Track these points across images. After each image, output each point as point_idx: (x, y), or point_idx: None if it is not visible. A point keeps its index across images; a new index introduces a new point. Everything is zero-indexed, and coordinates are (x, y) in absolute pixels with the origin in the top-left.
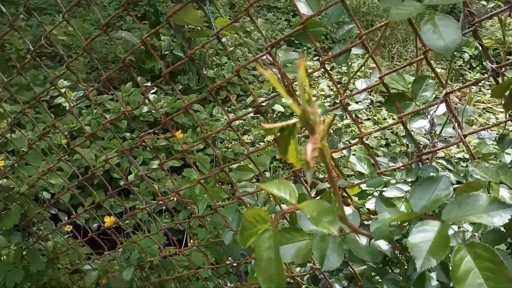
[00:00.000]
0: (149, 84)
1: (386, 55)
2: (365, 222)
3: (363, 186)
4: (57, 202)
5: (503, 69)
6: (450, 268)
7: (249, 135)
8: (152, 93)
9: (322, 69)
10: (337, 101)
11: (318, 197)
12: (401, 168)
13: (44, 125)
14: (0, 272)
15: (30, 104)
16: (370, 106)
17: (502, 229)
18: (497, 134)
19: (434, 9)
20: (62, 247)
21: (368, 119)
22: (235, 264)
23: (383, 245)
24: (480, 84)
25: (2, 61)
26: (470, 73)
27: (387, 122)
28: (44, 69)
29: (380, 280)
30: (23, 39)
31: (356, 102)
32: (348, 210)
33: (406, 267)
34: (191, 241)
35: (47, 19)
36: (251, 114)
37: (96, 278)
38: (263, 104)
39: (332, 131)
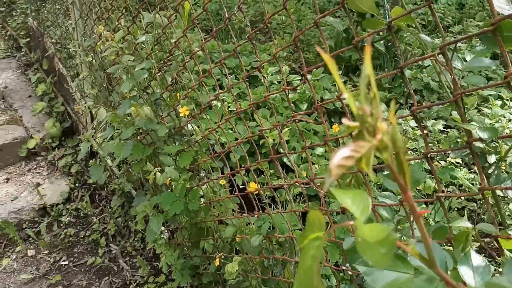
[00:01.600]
0: (340, 72)
1: None
2: None
3: None
4: (223, 158)
5: None
6: None
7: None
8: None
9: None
10: None
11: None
12: None
13: (239, 91)
14: (168, 198)
15: (215, 65)
16: None
17: None
18: None
19: None
20: (214, 197)
21: None
22: (350, 272)
23: None
24: None
25: (224, 31)
26: None
27: None
28: (252, 42)
29: None
30: (244, 14)
31: None
32: (477, 260)
33: None
34: None
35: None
36: (440, 127)
37: (233, 233)
38: None
39: (504, 163)
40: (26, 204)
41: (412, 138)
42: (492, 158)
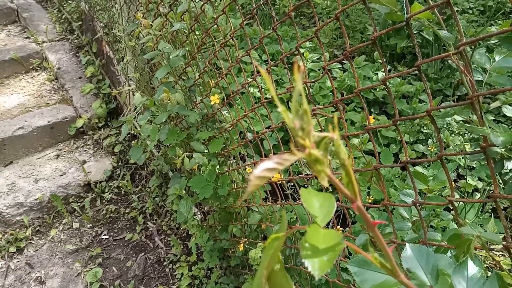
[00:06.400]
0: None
1: None
2: None
3: None
4: (255, 146)
5: None
6: None
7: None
8: (383, 72)
9: None
10: None
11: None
12: None
13: (277, 77)
14: (199, 183)
15: (243, 55)
16: None
17: None
18: None
19: None
20: (243, 184)
21: None
22: None
23: None
24: None
25: (268, 16)
26: None
27: None
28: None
29: None
30: None
31: None
32: (473, 270)
33: None
34: (337, 227)
35: None
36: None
37: (258, 220)
38: None
39: None
40: (73, 179)
41: (457, 132)
42: (510, 164)
